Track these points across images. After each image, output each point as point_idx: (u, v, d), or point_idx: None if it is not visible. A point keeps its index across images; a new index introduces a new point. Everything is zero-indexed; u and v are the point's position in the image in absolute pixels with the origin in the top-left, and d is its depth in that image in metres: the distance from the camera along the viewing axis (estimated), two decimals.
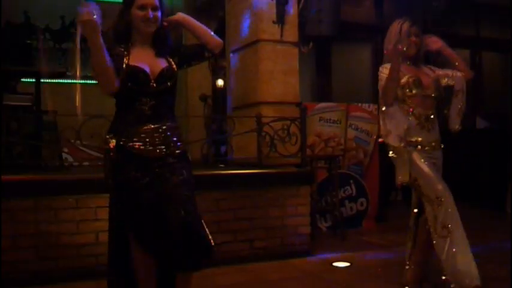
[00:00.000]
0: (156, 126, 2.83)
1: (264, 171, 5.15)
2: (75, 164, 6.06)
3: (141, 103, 2.82)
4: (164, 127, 2.86)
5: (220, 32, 6.83)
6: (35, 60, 6.93)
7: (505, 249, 4.86)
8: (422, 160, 3.77)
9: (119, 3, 3.02)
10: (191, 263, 2.83)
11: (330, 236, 6.09)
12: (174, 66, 2.95)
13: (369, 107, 6.86)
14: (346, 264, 4.70)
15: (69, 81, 9.44)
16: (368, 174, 6.81)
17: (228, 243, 4.78)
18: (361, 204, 6.70)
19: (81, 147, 5.20)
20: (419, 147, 3.79)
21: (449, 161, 8.10)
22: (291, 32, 5.86)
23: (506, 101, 8.66)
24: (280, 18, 5.74)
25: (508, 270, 4.18)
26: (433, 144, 3.87)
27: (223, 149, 7.45)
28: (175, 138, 2.90)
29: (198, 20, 3.10)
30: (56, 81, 8.28)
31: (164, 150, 2.83)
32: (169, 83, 2.89)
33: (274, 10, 5.72)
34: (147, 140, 2.80)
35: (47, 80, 6.57)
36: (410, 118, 3.78)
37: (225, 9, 6.68)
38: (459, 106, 3.97)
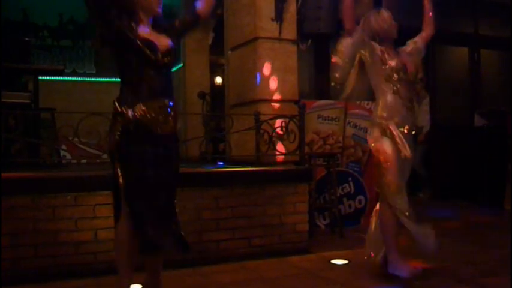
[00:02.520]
0: (166, 101, 2.97)
1: (262, 168, 5.15)
2: (73, 161, 6.07)
3: (151, 76, 2.95)
4: (171, 103, 3.00)
5: (219, 29, 6.83)
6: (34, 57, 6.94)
7: (504, 247, 4.86)
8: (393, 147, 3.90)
9: None
10: (170, 246, 3.02)
11: (328, 234, 6.09)
12: (174, 42, 3.11)
13: (367, 104, 6.84)
14: (345, 261, 4.70)
15: (67, 78, 9.47)
16: (366, 171, 6.81)
17: (226, 241, 4.78)
18: (360, 201, 6.70)
19: (79, 145, 5.19)
20: (394, 127, 3.91)
21: (448, 159, 8.10)
22: (290, 30, 5.86)
23: (504, 99, 8.67)
24: (279, 16, 5.74)
25: (508, 268, 4.18)
26: (407, 127, 3.95)
27: (221, 146, 7.45)
28: (173, 116, 3.03)
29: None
30: (54, 78, 8.28)
31: (172, 126, 2.99)
32: (172, 58, 3.05)
33: (273, 7, 5.72)
34: (160, 114, 2.92)
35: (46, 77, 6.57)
36: (396, 97, 3.95)
37: (224, 6, 6.68)
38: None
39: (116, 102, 2.98)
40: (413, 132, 4.06)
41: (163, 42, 3.02)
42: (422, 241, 3.93)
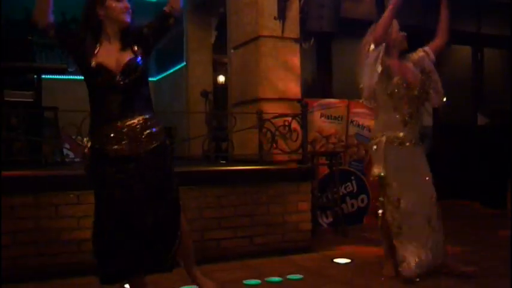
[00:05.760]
0: (124, 123, 2.85)
1: (265, 167, 5.14)
2: (76, 159, 6.06)
3: (110, 101, 2.86)
4: (134, 121, 2.87)
5: (222, 28, 6.83)
6: (37, 56, 6.92)
7: (505, 247, 4.86)
8: (398, 159, 3.95)
9: None
10: (147, 267, 3.00)
11: (330, 233, 6.09)
12: (141, 54, 2.96)
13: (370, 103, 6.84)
14: (347, 260, 4.70)
15: (70, 77, 9.47)
16: (369, 170, 6.80)
17: (228, 239, 4.78)
18: (362, 200, 6.70)
19: (82, 143, 5.19)
20: (399, 142, 3.96)
21: (450, 158, 8.09)
22: (292, 28, 5.86)
23: (507, 98, 8.65)
24: (282, 14, 5.73)
25: (508, 267, 4.18)
26: (413, 141, 3.99)
27: (224, 145, 7.45)
28: (148, 131, 2.90)
29: (199, 17, 3.21)
30: (57, 77, 8.30)
31: (136, 147, 2.86)
32: (136, 74, 2.90)
33: (276, 6, 5.72)
34: (116, 138, 2.83)
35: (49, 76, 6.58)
36: (395, 114, 3.98)
37: (226, 5, 6.68)
38: (436, 84, 4.08)
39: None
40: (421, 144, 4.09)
41: (123, 59, 2.90)
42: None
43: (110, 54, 2.89)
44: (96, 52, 2.87)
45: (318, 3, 6.53)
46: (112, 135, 2.83)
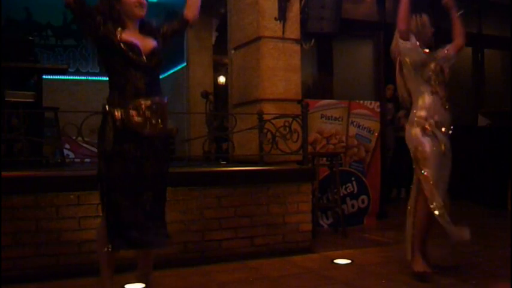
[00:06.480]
0: (148, 101, 3.04)
1: (265, 168, 5.14)
2: (77, 160, 6.08)
3: (137, 78, 3.05)
4: (155, 102, 3.07)
5: (222, 28, 6.82)
6: (37, 56, 6.92)
7: (507, 248, 4.86)
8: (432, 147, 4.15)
9: None
10: (151, 242, 3.15)
11: (331, 233, 6.09)
12: (160, 45, 3.24)
13: (370, 104, 6.85)
14: (348, 261, 4.70)
15: (71, 77, 9.48)
16: (369, 171, 6.81)
17: (229, 240, 4.78)
18: (363, 201, 6.70)
19: (82, 144, 5.20)
20: (433, 126, 4.12)
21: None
22: (293, 29, 5.86)
23: (507, 99, 8.65)
24: (282, 15, 5.73)
25: (508, 268, 4.18)
26: (444, 128, 4.21)
27: (224, 145, 7.45)
28: (160, 115, 3.09)
29: (199, 18, 3.35)
30: (58, 77, 8.30)
31: (152, 127, 3.05)
32: (159, 59, 3.18)
33: (276, 7, 5.72)
34: (141, 113, 3.01)
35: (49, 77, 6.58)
36: (434, 96, 4.12)
37: (227, 6, 6.68)
38: None
39: (106, 104, 3.08)
40: (450, 132, 4.29)
41: (148, 44, 3.15)
42: (456, 235, 4.07)
43: (136, 38, 3.12)
44: (121, 33, 3.06)
45: (319, 4, 6.53)
46: (138, 111, 3.01)
